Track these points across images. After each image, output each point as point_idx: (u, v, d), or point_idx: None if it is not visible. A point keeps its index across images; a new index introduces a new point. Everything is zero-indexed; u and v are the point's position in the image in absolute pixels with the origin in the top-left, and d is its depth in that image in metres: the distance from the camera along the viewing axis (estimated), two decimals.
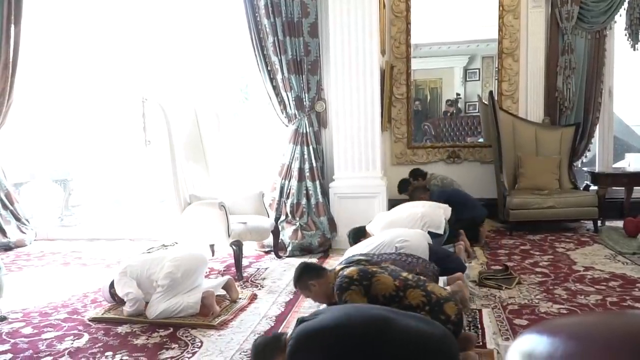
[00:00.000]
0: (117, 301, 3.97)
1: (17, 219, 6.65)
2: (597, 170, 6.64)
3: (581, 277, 4.44)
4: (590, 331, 0.89)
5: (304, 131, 5.84)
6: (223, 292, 4.15)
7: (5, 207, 6.58)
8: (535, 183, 6.26)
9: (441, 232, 4.53)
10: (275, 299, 4.22)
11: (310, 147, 5.84)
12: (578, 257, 5.02)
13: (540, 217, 5.99)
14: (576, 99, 6.61)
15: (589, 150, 6.80)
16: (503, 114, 6.50)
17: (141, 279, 3.90)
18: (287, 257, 5.51)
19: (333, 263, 5.17)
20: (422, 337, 2.31)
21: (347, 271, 2.96)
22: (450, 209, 4.93)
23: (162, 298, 3.78)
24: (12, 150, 7.27)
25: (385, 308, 2.59)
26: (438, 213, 4.72)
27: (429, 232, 4.37)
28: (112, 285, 4.00)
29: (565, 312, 3.65)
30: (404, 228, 4.32)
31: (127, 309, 3.81)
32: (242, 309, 3.98)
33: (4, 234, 6.34)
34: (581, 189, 6.40)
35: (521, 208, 5.98)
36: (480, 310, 3.71)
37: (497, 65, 6.95)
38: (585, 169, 6.79)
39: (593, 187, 6.42)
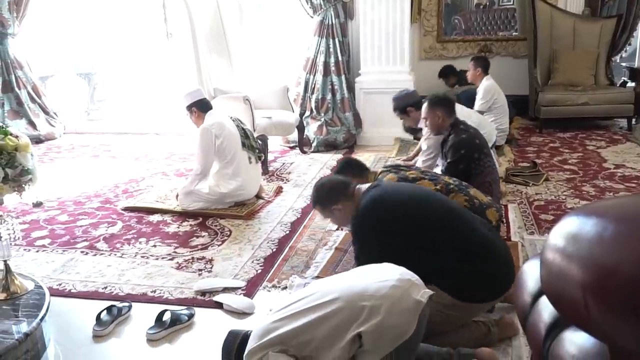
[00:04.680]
0: (188, 113, 3.96)
1: (46, 112, 6.72)
2: (636, 66, 6.34)
3: (611, 174, 4.38)
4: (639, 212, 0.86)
5: (330, 23, 5.61)
6: None
7: (33, 100, 6.62)
8: (570, 79, 6.01)
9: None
10: (300, 192, 4.27)
11: (336, 40, 5.63)
12: (609, 155, 4.92)
13: (573, 114, 5.82)
14: None
15: (629, 44, 6.44)
16: (541, 4, 6.11)
17: (218, 148, 3.83)
18: (312, 152, 5.52)
19: (358, 159, 5.17)
20: (487, 241, 2.23)
21: (385, 178, 2.88)
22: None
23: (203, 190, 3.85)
24: (35, 43, 7.18)
25: (451, 201, 2.54)
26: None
27: None
28: (194, 104, 3.92)
29: None
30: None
31: (187, 185, 3.86)
32: (269, 201, 4.05)
33: (34, 126, 6.43)
34: (618, 85, 6.15)
35: (553, 105, 5.79)
36: (506, 206, 3.72)
37: None
38: (624, 64, 6.48)
39: (630, 84, 6.15)
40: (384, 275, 1.88)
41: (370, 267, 2.04)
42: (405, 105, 4.12)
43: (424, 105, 3.54)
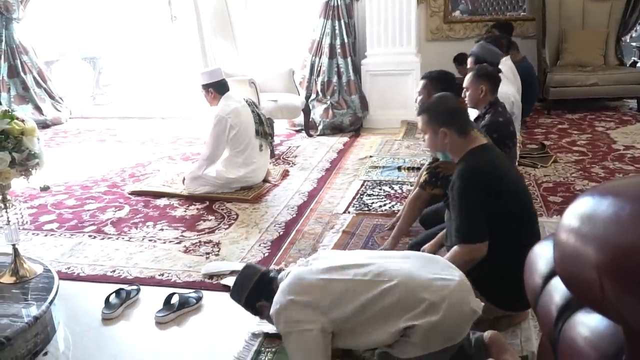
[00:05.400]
0: (204, 91, 3.91)
1: (51, 97, 6.70)
2: None
3: (620, 156, 4.34)
4: None
5: (335, 4, 5.55)
6: None
7: (39, 85, 6.60)
8: (579, 59, 5.94)
9: None
10: (307, 175, 4.26)
11: (342, 22, 5.57)
12: (618, 136, 4.87)
13: (582, 95, 5.75)
14: None
15: (639, 24, 6.33)
16: None
17: (232, 137, 3.82)
18: (318, 135, 5.49)
19: (364, 142, 5.15)
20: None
21: None
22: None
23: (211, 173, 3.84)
24: (40, 27, 7.14)
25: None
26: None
27: None
28: (211, 85, 3.88)
29: None
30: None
31: (194, 170, 3.85)
32: (275, 184, 4.04)
33: (40, 111, 6.43)
34: (627, 65, 6.06)
35: (562, 85, 5.72)
36: None
37: None
38: (634, 44, 6.38)
39: None
40: (445, 273, 1.82)
41: (428, 257, 1.95)
42: (485, 60, 3.68)
43: (468, 75, 3.24)
